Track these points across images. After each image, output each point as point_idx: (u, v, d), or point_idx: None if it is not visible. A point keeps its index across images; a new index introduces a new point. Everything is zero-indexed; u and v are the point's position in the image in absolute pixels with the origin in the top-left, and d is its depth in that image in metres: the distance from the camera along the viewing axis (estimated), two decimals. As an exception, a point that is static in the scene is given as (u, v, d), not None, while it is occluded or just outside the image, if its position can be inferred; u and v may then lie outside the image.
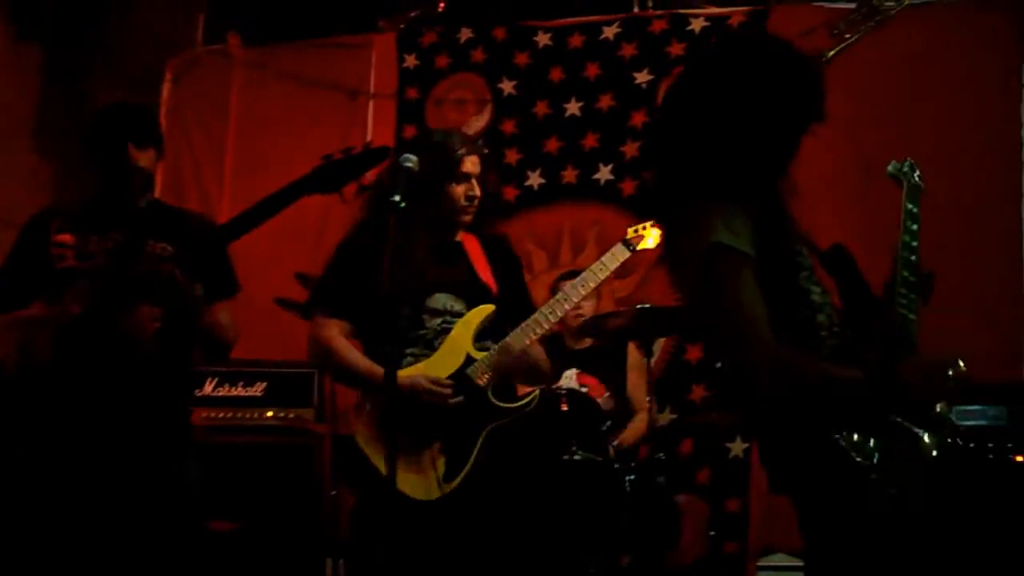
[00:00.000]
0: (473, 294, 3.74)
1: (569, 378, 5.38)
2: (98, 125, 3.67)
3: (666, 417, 6.15)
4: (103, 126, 3.65)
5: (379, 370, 3.41)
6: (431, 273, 3.67)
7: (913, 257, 2.74)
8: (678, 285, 2.59)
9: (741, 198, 2.45)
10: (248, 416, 5.51)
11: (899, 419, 2.40)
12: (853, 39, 6.64)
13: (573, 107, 6.91)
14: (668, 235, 2.65)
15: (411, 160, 3.21)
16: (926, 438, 2.41)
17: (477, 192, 3.78)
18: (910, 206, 2.85)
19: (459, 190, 3.75)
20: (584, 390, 5.21)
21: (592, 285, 3.95)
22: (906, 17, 6.66)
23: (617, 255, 3.99)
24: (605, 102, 6.86)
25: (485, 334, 3.73)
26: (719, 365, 2.77)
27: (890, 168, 2.97)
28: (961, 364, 2.48)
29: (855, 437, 2.36)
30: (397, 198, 3.04)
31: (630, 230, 4.03)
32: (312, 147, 6.71)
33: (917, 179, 2.94)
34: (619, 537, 4.78)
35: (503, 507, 3.66)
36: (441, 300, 3.70)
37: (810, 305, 2.51)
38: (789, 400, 2.39)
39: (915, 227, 2.79)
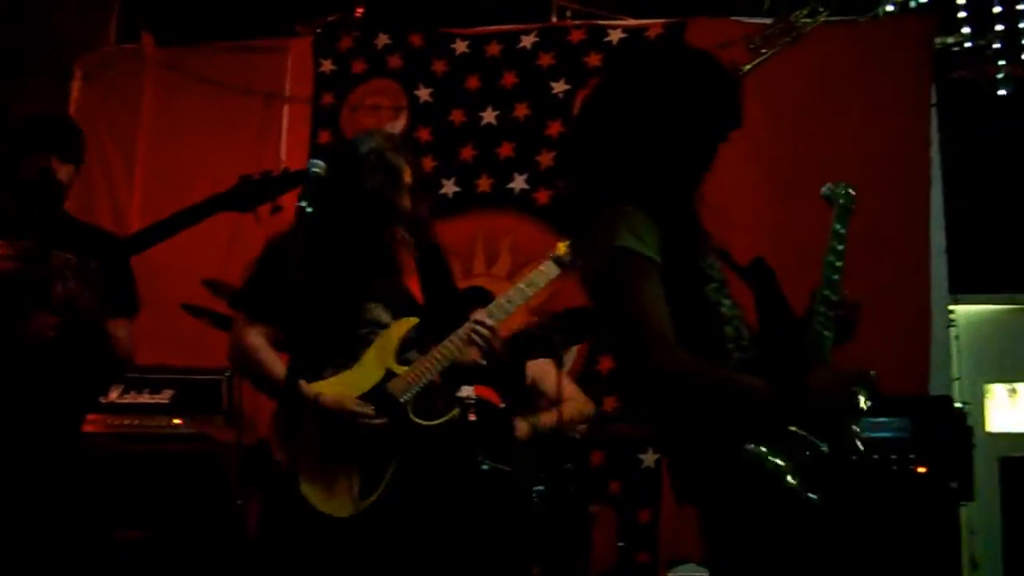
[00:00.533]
0: (400, 305, 3.69)
1: (466, 392, 5.29)
2: (23, 133, 3.61)
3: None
4: (28, 135, 3.59)
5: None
6: (360, 282, 3.62)
7: (836, 276, 2.75)
8: (587, 292, 2.59)
9: (651, 206, 2.46)
10: (155, 424, 5.39)
11: (798, 430, 2.40)
12: (769, 54, 6.70)
13: (489, 116, 6.89)
14: (578, 242, 2.64)
15: (319, 166, 3.17)
16: (825, 449, 2.41)
17: (409, 205, 3.72)
18: (838, 227, 2.86)
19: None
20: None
21: (519, 303, 3.84)
22: (821, 34, 6.75)
23: (547, 273, 3.85)
24: (521, 111, 6.86)
25: (409, 346, 3.68)
26: None
27: (824, 189, 2.98)
28: (872, 376, 2.51)
29: (763, 447, 2.36)
30: (304, 203, 3.00)
31: (561, 245, 3.92)
32: (226, 151, 6.78)
33: (849, 202, 2.95)
34: (530, 548, 4.75)
35: (416, 524, 3.61)
36: (369, 310, 3.64)
37: (718, 317, 2.53)
38: (688, 402, 2.40)
39: (840, 247, 2.81)
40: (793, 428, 2.40)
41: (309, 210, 3.01)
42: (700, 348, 2.44)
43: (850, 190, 2.96)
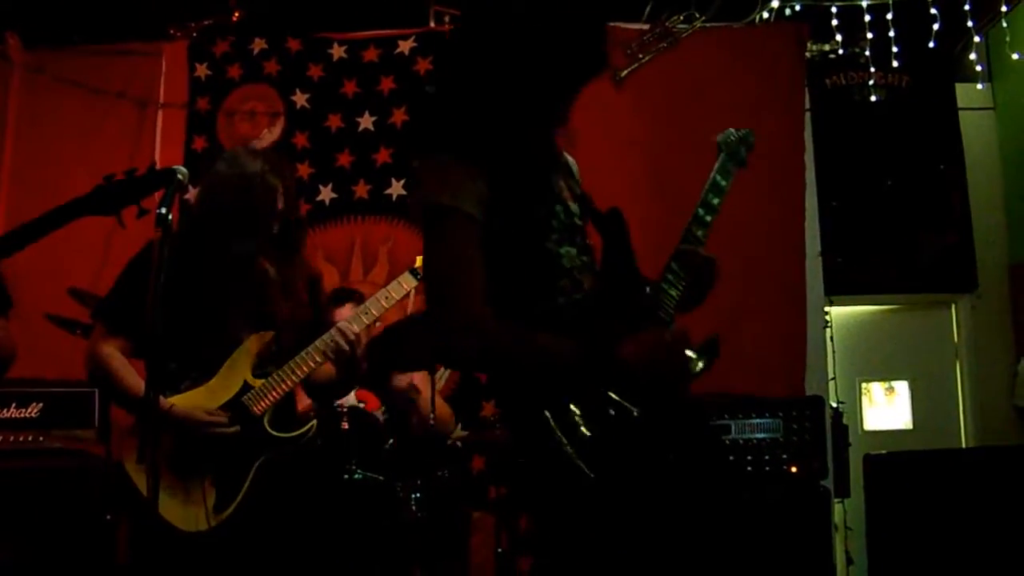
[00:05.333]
0: (261, 322, 3.63)
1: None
2: None
3: (458, 434, 6.10)
4: None
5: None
6: (222, 298, 3.55)
7: (700, 232, 2.61)
8: None
9: (479, 158, 2.36)
10: (22, 439, 5.22)
11: (612, 393, 2.32)
12: (646, 59, 6.76)
13: (366, 121, 6.83)
14: (409, 190, 2.54)
15: (182, 172, 3.09)
16: (635, 413, 2.32)
17: (276, 228, 3.66)
18: (718, 178, 2.70)
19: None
20: (361, 405, 5.11)
21: (376, 314, 3.83)
22: (697, 40, 6.83)
23: (404, 284, 3.89)
24: (399, 117, 6.81)
25: (266, 360, 3.63)
26: None
27: (719, 136, 2.78)
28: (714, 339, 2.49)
29: (571, 415, 2.27)
30: (164, 210, 2.91)
31: (419, 258, 3.91)
32: (98, 157, 6.60)
33: (742, 153, 2.77)
34: (407, 556, 4.71)
35: (277, 536, 3.54)
36: (229, 326, 3.58)
37: (554, 268, 2.44)
38: (478, 362, 2.38)
39: (715, 201, 2.66)
40: (610, 393, 2.32)
41: (169, 217, 2.92)
42: (529, 298, 2.38)
43: (747, 135, 2.80)
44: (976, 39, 6.73)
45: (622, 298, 2.50)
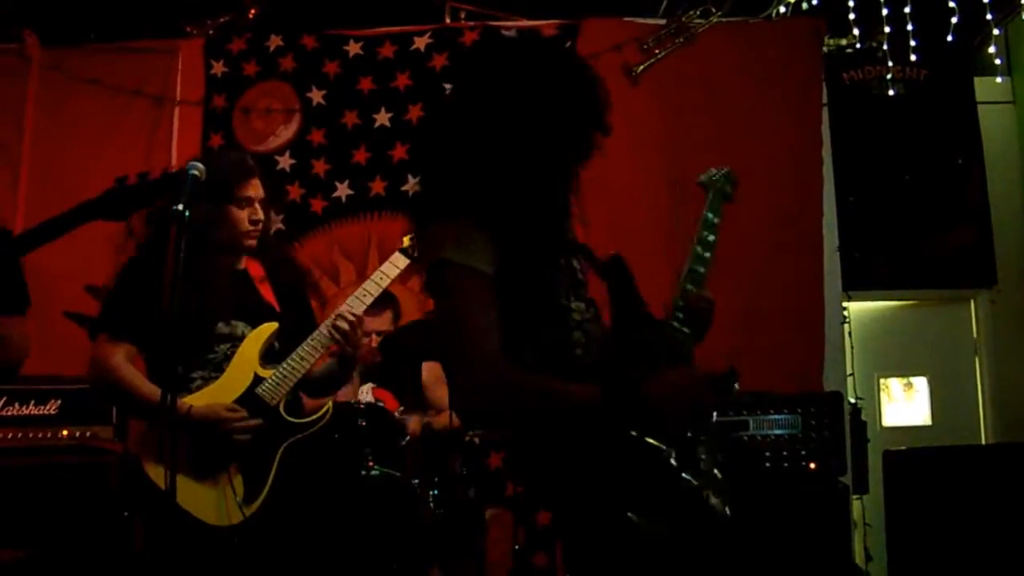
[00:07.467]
0: (260, 317, 3.66)
1: (365, 392, 5.27)
2: None
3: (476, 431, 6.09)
4: None
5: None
6: (219, 298, 3.57)
7: (702, 269, 2.59)
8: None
9: (486, 216, 2.35)
10: (41, 436, 5.23)
11: (644, 436, 2.33)
12: (662, 55, 6.74)
13: (383, 117, 6.84)
14: (419, 252, 2.54)
15: (198, 168, 3.07)
16: (673, 460, 2.34)
17: (260, 215, 3.71)
18: (710, 215, 2.68)
19: (242, 214, 3.67)
20: (380, 404, 5.10)
21: (374, 293, 3.85)
22: (714, 35, 6.81)
23: (396, 263, 3.92)
24: (415, 113, 6.81)
25: (271, 352, 3.66)
26: None
27: (701, 176, 2.79)
28: (734, 374, 2.48)
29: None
30: (181, 207, 2.90)
31: (406, 238, 3.93)
32: (115, 154, 6.62)
33: (725, 186, 2.76)
34: (424, 552, 4.71)
35: (305, 526, 3.57)
36: (229, 326, 3.61)
37: (566, 323, 2.45)
38: (505, 413, 2.34)
39: (711, 238, 2.64)
40: (648, 439, 2.33)
41: (187, 214, 2.90)
42: (547, 356, 2.38)
43: (728, 173, 2.79)
44: (995, 32, 6.67)
45: (640, 342, 2.51)
